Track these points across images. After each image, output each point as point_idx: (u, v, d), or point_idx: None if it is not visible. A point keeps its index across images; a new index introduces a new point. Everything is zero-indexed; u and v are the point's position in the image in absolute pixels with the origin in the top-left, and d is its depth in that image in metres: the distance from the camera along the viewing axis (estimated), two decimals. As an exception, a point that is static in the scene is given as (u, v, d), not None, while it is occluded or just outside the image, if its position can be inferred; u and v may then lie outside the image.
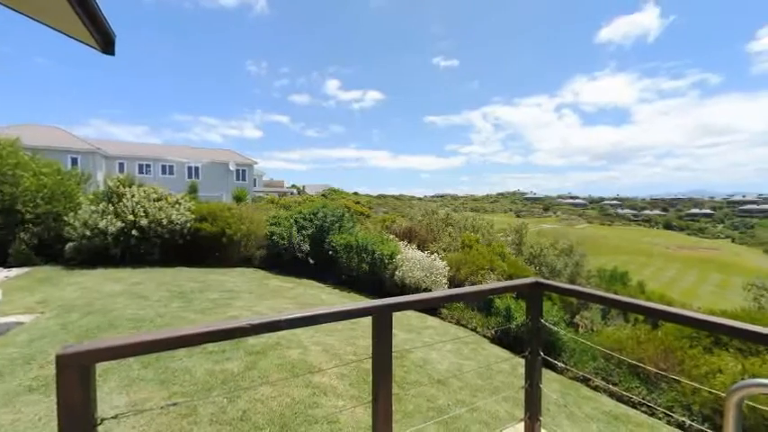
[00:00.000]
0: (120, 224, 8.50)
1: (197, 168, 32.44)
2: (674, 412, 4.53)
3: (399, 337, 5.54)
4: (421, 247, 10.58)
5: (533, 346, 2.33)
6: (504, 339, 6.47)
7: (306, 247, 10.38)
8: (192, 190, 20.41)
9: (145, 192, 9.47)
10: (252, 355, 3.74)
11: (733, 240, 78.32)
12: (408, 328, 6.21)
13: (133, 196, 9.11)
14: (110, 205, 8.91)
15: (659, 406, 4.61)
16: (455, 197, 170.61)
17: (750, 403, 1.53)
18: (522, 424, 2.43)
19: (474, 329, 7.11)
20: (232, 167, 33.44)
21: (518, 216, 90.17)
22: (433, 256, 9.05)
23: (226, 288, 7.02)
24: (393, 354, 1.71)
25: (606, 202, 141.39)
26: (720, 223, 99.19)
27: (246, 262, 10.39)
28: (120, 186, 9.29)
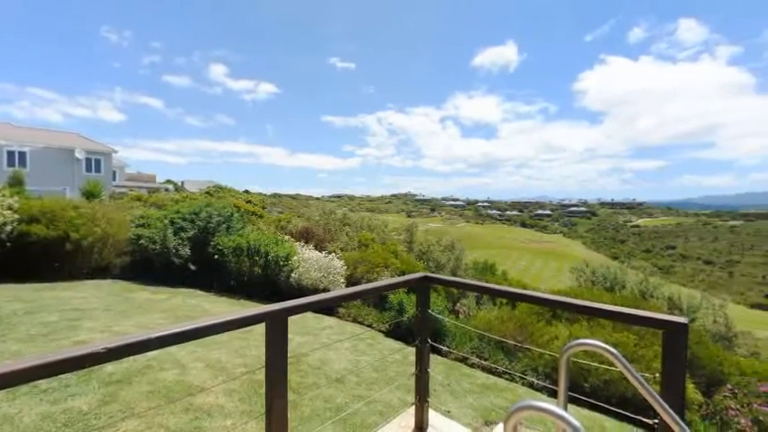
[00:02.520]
0: None
1: (22, 154, 24.87)
2: (526, 375, 5.57)
3: (296, 341, 5.36)
4: (318, 248, 10.43)
5: (422, 335, 2.55)
6: (398, 332, 6.90)
7: (185, 251, 9.09)
8: (16, 182, 15.59)
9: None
10: (110, 386, 3.08)
11: (564, 235, 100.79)
12: (305, 330, 6.05)
13: None
14: None
15: (516, 372, 5.62)
16: (352, 197, 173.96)
17: (573, 359, 1.99)
18: (413, 408, 2.64)
19: (370, 325, 7.38)
20: (80, 155, 26.72)
21: (409, 216, 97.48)
22: (330, 256, 9.03)
23: (71, 306, 5.61)
24: (289, 359, 1.64)
25: (479, 204, 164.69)
26: (556, 222, 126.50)
27: (103, 272, 8.52)
28: None
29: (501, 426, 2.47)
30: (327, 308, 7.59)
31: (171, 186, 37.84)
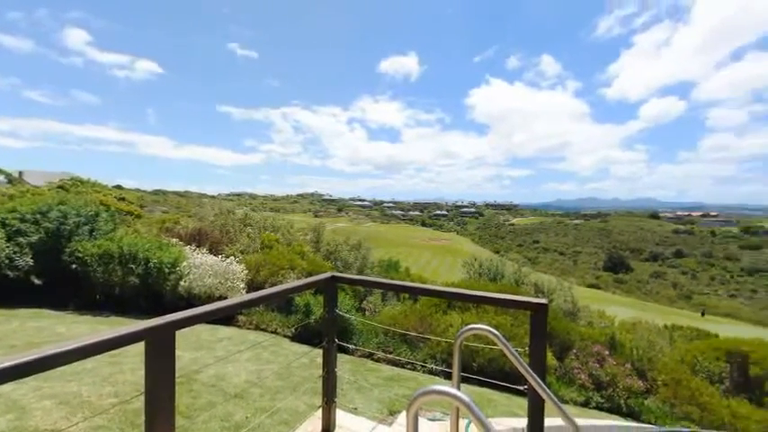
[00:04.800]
0: None
1: None
2: (427, 363, 6.05)
3: (185, 358, 4.73)
4: (214, 251, 9.41)
5: (330, 335, 2.53)
6: (304, 335, 6.70)
7: (26, 260, 7.16)
8: None
9: None
10: None
11: (457, 233, 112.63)
12: (197, 345, 5.39)
13: None
14: None
15: (418, 361, 6.05)
16: (254, 196, 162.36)
17: (465, 343, 2.24)
18: (321, 410, 2.60)
19: (275, 331, 6.99)
20: None
21: (316, 216, 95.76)
22: (229, 260, 8.24)
23: None
24: (177, 379, 1.44)
25: (385, 204, 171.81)
26: (451, 221, 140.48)
27: None
28: None
29: (404, 413, 2.63)
30: (225, 317, 6.90)
31: (2, 177, 29.25)
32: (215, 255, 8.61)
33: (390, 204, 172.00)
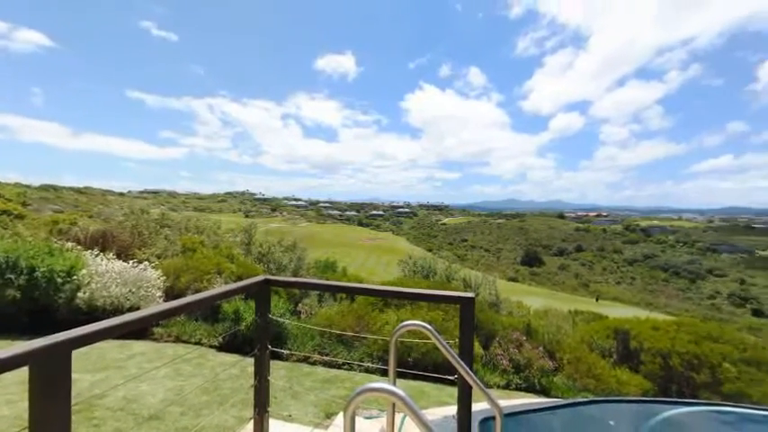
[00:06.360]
0: None
1: None
2: (363, 362, 6.08)
3: (84, 381, 4.08)
4: (123, 256, 8.27)
5: (262, 342, 2.40)
6: (234, 344, 6.25)
7: None
8: None
9: None
10: None
11: (393, 232, 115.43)
12: (102, 365, 4.69)
13: None
14: None
15: (355, 361, 6.06)
16: (174, 194, 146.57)
17: (400, 339, 2.31)
18: (252, 422, 2.45)
19: (199, 342, 6.39)
20: None
21: (247, 216, 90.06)
22: (142, 266, 7.30)
23: None
24: (74, 407, 1.24)
25: (321, 204, 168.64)
26: (387, 221, 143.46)
27: None
28: None
29: (341, 415, 2.61)
30: (137, 330, 6.10)
31: None
32: (124, 260, 7.57)
33: (327, 204, 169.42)
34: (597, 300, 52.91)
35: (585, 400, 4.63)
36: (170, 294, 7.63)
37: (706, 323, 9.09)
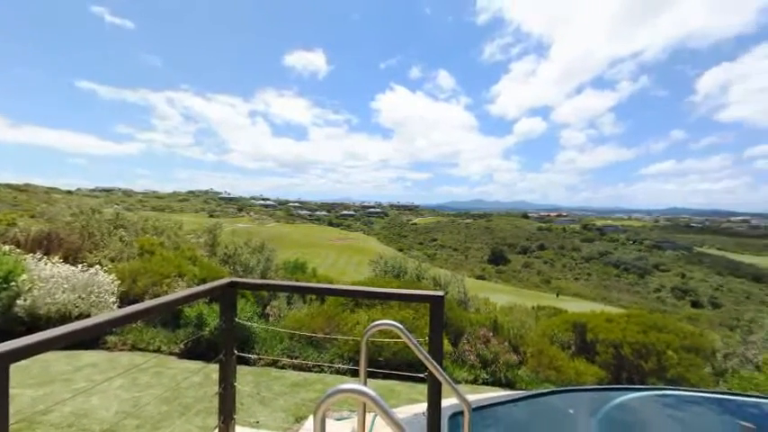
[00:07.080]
0: None
1: None
2: (334, 363, 6.02)
3: (25, 397, 3.72)
4: (72, 259, 7.63)
5: (228, 347, 2.31)
6: (197, 350, 5.95)
7: None
8: None
9: None
10: None
11: (364, 232, 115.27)
12: (46, 378, 4.30)
13: None
14: None
15: (325, 362, 5.98)
16: (129, 193, 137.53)
17: (371, 339, 2.31)
18: (217, 430, 2.35)
19: (158, 350, 6.02)
20: None
21: (212, 216, 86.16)
22: (93, 270, 6.77)
23: None
24: (12, 426, 1.12)
25: (291, 204, 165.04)
26: (358, 221, 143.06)
27: None
28: None
29: (311, 418, 2.57)
30: (87, 340, 5.65)
31: None
32: (73, 264, 6.98)
33: (296, 204, 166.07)
34: (558, 295, 55.92)
35: (547, 390, 4.88)
36: (125, 300, 7.14)
37: (652, 314, 9.89)
